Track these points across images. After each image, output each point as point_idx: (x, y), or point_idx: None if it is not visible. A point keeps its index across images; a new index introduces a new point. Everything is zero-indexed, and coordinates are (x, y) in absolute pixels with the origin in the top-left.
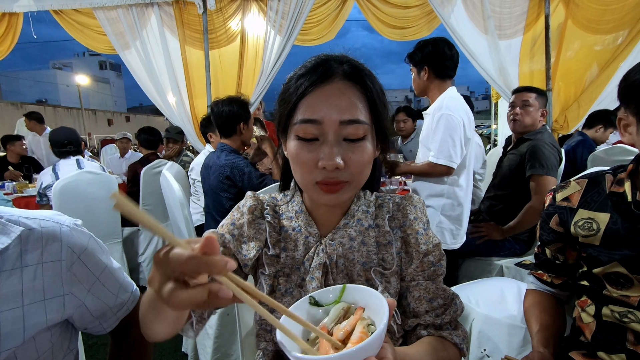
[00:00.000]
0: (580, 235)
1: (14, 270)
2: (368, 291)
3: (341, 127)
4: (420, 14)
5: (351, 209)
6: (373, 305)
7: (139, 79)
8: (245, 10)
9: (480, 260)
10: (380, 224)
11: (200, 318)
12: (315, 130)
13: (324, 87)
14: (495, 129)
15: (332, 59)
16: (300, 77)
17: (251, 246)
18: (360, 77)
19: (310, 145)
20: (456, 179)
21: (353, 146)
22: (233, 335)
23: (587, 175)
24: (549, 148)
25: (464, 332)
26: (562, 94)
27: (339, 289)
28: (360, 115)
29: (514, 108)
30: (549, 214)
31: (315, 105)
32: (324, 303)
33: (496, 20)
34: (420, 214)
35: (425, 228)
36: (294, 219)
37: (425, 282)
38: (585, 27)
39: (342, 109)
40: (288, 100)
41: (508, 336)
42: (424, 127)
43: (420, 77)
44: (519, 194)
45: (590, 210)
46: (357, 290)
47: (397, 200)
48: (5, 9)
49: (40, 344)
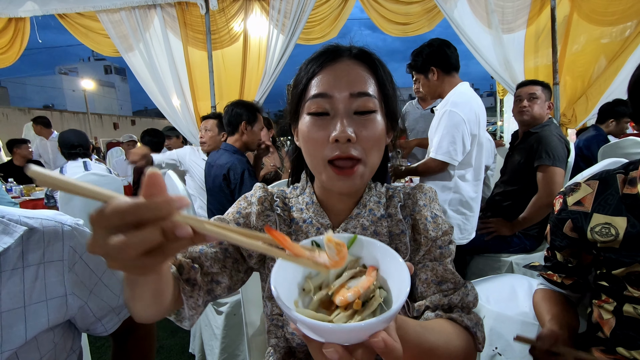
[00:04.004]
0: (599, 241)
1: (16, 270)
2: (383, 249)
3: (351, 100)
4: (422, 9)
5: (363, 198)
6: (388, 267)
7: (142, 82)
8: (248, 10)
9: (489, 256)
10: (393, 213)
11: (195, 305)
12: (326, 104)
13: (333, 65)
14: (501, 126)
15: (340, 45)
16: (310, 62)
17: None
18: (368, 57)
19: (321, 121)
20: (463, 174)
21: (364, 119)
22: (240, 336)
23: (597, 176)
24: (556, 139)
25: (477, 317)
26: (569, 87)
27: (347, 239)
28: (370, 89)
29: (520, 101)
30: (562, 220)
31: (325, 81)
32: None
33: (499, 14)
34: (431, 201)
35: (434, 215)
36: (304, 210)
37: (431, 263)
38: (590, 19)
39: (351, 82)
40: (299, 83)
41: (520, 333)
42: (432, 123)
43: (430, 79)
44: (529, 189)
45: (605, 214)
46: (370, 246)
47: (407, 190)
48: (10, 14)
49: (42, 344)
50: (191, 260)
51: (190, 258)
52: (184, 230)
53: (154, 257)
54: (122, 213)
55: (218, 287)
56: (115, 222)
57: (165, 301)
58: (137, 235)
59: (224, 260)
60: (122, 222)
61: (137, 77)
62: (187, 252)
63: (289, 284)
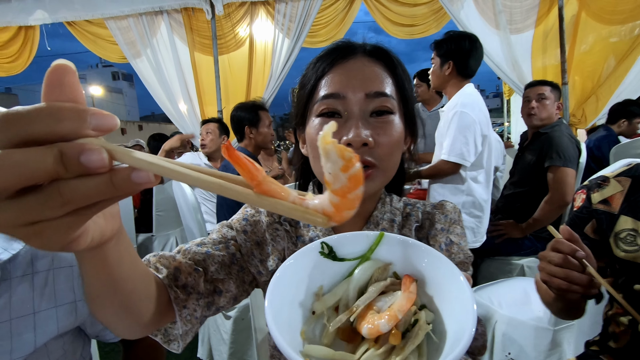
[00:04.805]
0: (622, 249)
1: (25, 277)
2: (426, 250)
3: (367, 101)
4: (428, 11)
5: (373, 215)
6: (435, 278)
7: (150, 87)
8: (253, 15)
9: (500, 259)
10: (407, 235)
11: (191, 317)
12: (339, 106)
13: (345, 63)
14: (508, 127)
15: (352, 41)
16: (319, 60)
17: (268, 253)
18: (385, 55)
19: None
20: (475, 176)
21: (381, 122)
22: (249, 341)
23: (629, 173)
24: (567, 139)
25: (482, 325)
26: (578, 87)
27: (372, 237)
28: (387, 89)
29: (529, 102)
30: (583, 218)
31: (337, 80)
32: (344, 256)
33: (507, 15)
34: (451, 224)
35: (449, 242)
36: (311, 227)
37: None
38: (599, 18)
39: (366, 81)
40: (307, 83)
41: (535, 339)
42: (440, 125)
43: (442, 70)
44: (539, 190)
45: (635, 218)
46: (405, 247)
47: (427, 209)
48: (21, 22)
49: (52, 351)
50: (194, 262)
51: (193, 260)
52: (95, 156)
53: (44, 203)
54: (22, 118)
55: (221, 298)
56: (12, 134)
57: (133, 306)
58: (13, 155)
59: (229, 266)
60: (19, 137)
61: (145, 82)
62: (190, 253)
63: (289, 308)
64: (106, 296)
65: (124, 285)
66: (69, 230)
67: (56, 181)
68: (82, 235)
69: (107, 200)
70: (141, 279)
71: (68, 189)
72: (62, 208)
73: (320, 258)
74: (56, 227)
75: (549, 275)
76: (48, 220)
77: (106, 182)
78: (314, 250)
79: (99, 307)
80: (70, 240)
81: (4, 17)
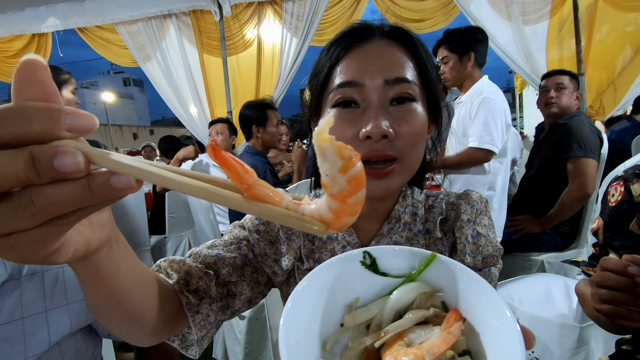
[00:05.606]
0: None
1: (35, 275)
2: (479, 284)
3: (386, 89)
4: (437, 4)
5: (395, 210)
6: (485, 319)
7: (160, 90)
8: (261, 15)
9: (519, 256)
10: (431, 229)
11: (205, 322)
12: (355, 94)
13: (362, 47)
14: (520, 121)
15: (369, 22)
16: (333, 45)
17: (283, 252)
18: (405, 36)
19: (350, 114)
20: (498, 167)
21: (402, 110)
22: (263, 341)
23: None
24: (587, 129)
25: None
26: (595, 78)
27: (422, 256)
28: (409, 74)
29: (547, 92)
30: (624, 214)
31: (354, 66)
32: (386, 270)
33: (520, 5)
34: (477, 214)
35: (476, 234)
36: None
37: None
38: (617, 6)
39: (385, 67)
40: (320, 71)
41: (560, 337)
42: (457, 118)
43: (463, 63)
44: (558, 183)
45: None
46: (460, 275)
47: (451, 199)
48: (33, 30)
49: (65, 349)
50: (204, 266)
51: (204, 264)
52: (69, 159)
53: (15, 212)
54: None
55: (236, 301)
56: None
57: (140, 316)
58: (42, 192)
59: (242, 267)
60: None
61: (155, 86)
62: (200, 256)
63: (310, 312)
64: (108, 308)
65: (126, 295)
66: (45, 242)
67: (28, 188)
68: (62, 246)
69: (86, 208)
70: (145, 287)
71: (41, 196)
72: (35, 217)
73: (362, 267)
74: (31, 238)
75: (599, 301)
76: (21, 231)
77: (83, 188)
78: (354, 259)
79: (103, 318)
80: (49, 253)
81: (17, 25)
